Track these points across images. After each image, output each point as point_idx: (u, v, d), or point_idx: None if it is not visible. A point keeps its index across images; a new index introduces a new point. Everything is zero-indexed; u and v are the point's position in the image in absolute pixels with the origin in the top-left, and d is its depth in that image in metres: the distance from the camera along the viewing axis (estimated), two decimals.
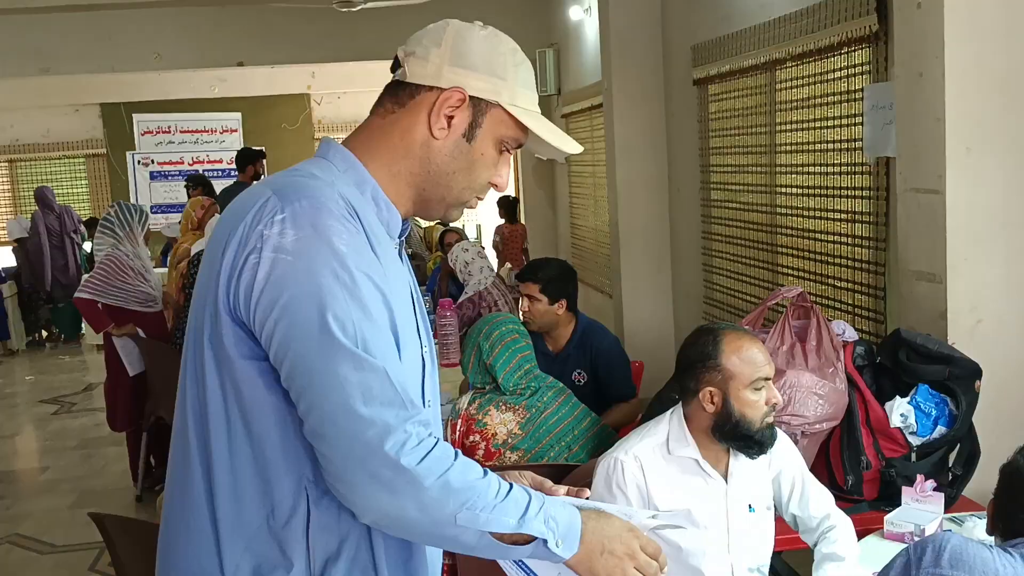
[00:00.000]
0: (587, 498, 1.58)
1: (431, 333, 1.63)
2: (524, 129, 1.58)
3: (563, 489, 1.59)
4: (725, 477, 2.42)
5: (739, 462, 2.43)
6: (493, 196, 11.44)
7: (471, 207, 1.63)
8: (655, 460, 2.41)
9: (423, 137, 1.53)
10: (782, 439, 2.53)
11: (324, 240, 1.36)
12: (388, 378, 1.35)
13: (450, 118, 1.52)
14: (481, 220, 12.23)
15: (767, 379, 2.35)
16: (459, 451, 1.41)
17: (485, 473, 1.40)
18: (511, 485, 1.42)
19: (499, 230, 9.71)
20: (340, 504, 1.40)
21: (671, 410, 2.50)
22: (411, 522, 1.36)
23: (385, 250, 1.49)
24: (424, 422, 1.38)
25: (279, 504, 1.42)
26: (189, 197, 8.36)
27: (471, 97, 1.52)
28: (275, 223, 1.37)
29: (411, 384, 1.46)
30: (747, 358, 2.33)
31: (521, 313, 4.06)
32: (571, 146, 1.64)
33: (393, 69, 1.58)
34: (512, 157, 1.63)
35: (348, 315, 1.35)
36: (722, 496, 2.41)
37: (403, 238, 1.60)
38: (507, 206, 9.71)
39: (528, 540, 1.39)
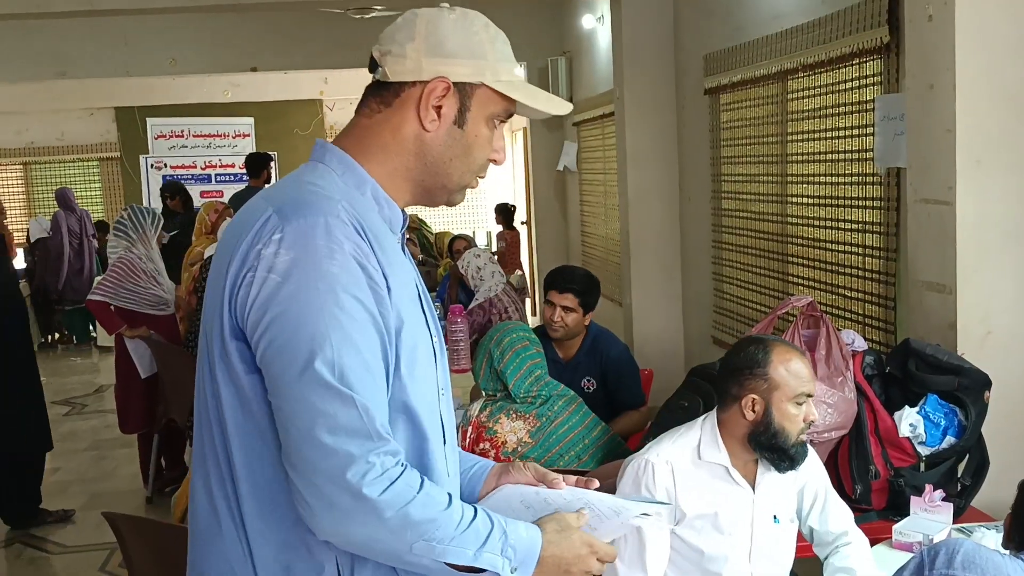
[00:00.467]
0: (596, 489, 1.61)
1: (439, 323, 1.63)
2: (512, 99, 1.58)
3: (572, 479, 1.61)
4: (753, 486, 2.44)
5: (767, 473, 2.44)
6: (492, 203, 11.45)
7: (473, 188, 1.64)
8: (685, 465, 2.42)
9: (415, 132, 1.54)
10: (809, 452, 2.55)
11: (314, 263, 1.37)
12: (356, 408, 1.35)
13: (439, 108, 1.53)
14: (491, 227, 12.25)
15: (809, 396, 2.36)
16: (425, 479, 1.41)
17: (449, 503, 1.41)
18: (475, 514, 1.43)
19: (501, 236, 9.73)
20: None
21: (704, 416, 2.51)
22: (367, 548, 1.40)
23: (390, 249, 1.49)
24: (392, 452, 1.38)
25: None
26: (165, 206, 8.53)
27: (455, 84, 1.53)
28: (272, 242, 1.38)
29: (424, 398, 1.48)
30: (794, 371, 2.35)
31: (548, 320, 4.04)
32: (559, 107, 1.64)
33: (371, 69, 1.59)
34: (504, 130, 1.64)
35: (329, 341, 1.35)
36: (748, 505, 2.42)
37: (403, 231, 1.62)
38: (505, 212, 9.71)
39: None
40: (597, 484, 1.63)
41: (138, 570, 2.81)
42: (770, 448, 2.37)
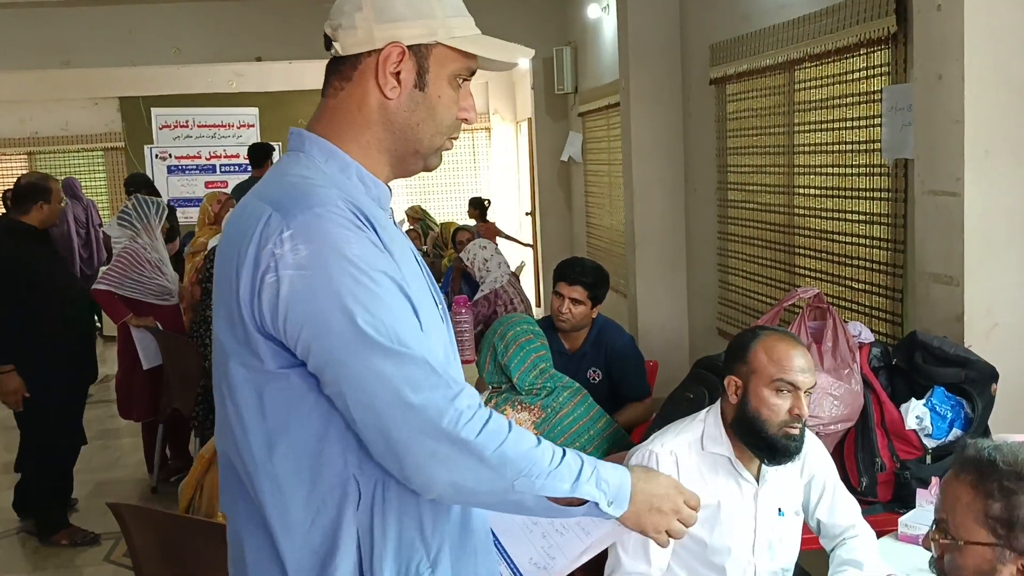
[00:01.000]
0: None
1: (439, 290, 1.66)
2: (471, 55, 1.57)
3: None
4: (757, 479, 2.42)
5: (772, 466, 2.42)
6: (494, 195, 11.42)
7: (447, 149, 1.63)
8: (689, 456, 2.41)
9: (378, 102, 1.54)
10: (816, 445, 2.53)
11: (335, 250, 1.39)
12: (428, 364, 1.40)
13: (397, 74, 1.53)
14: (496, 218, 12.23)
15: (793, 385, 2.31)
16: (512, 421, 1.47)
17: (539, 441, 1.47)
18: (564, 451, 1.49)
19: (476, 228, 9.71)
20: (386, 487, 1.47)
21: (708, 408, 2.51)
22: (473, 492, 1.44)
23: (384, 227, 1.50)
24: (471, 395, 1.44)
25: (327, 497, 1.46)
26: (128, 199, 8.10)
27: (409, 47, 1.52)
28: (284, 240, 1.39)
29: (445, 357, 1.52)
30: (776, 357, 2.32)
31: (556, 311, 4.02)
32: (517, 54, 1.61)
33: (327, 47, 1.60)
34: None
35: (377, 316, 1.39)
36: (752, 498, 2.41)
37: (390, 207, 1.63)
38: (479, 206, 9.67)
39: (583, 502, 1.49)
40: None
41: (142, 560, 2.81)
42: (748, 434, 2.35)
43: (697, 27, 5.96)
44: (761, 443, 2.34)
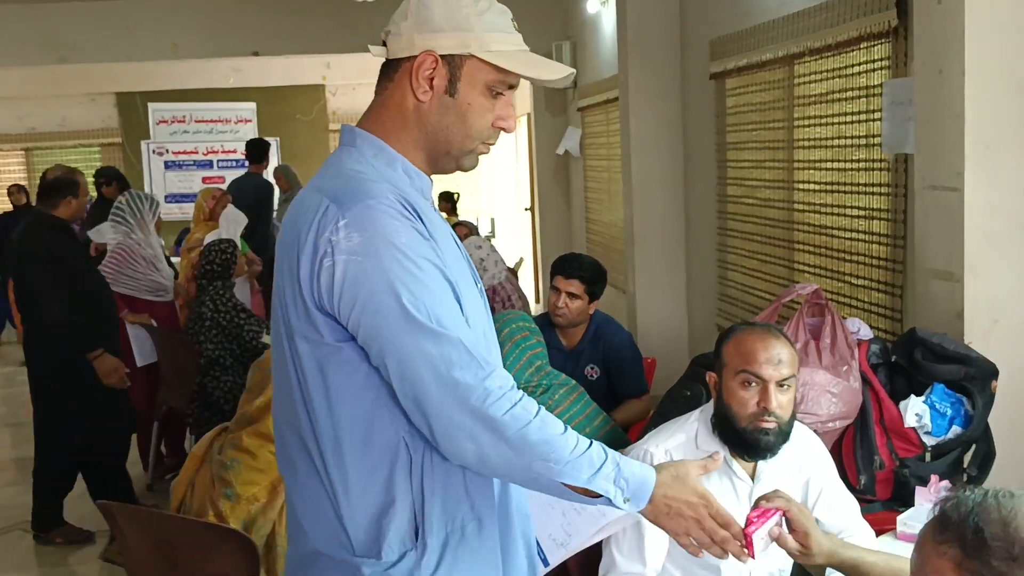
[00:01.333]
0: None
1: (476, 273, 1.81)
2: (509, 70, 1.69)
3: None
4: (753, 478, 2.38)
5: (768, 464, 2.37)
6: (494, 191, 11.32)
7: (483, 152, 1.75)
8: (684, 455, 2.38)
9: (412, 104, 1.68)
10: (816, 444, 2.49)
11: (385, 238, 1.55)
12: (463, 345, 1.54)
13: (430, 80, 1.66)
14: (495, 213, 12.21)
15: (759, 377, 2.27)
16: (542, 407, 1.58)
17: (565, 430, 1.58)
18: (590, 444, 1.59)
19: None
20: (433, 451, 1.61)
21: (703, 406, 2.48)
22: (495, 466, 1.57)
23: (428, 216, 1.65)
24: (503, 377, 1.57)
25: (381, 458, 1.62)
26: (99, 192, 7.70)
27: (442, 56, 1.65)
28: (339, 229, 1.55)
29: (483, 338, 1.68)
30: (742, 349, 2.30)
31: (552, 306, 4.00)
32: (557, 71, 1.72)
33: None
34: (513, 97, 1.72)
35: (420, 299, 1.54)
36: (747, 497, 2.37)
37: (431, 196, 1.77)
38: (449, 199, 9.61)
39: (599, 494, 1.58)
40: None
41: (134, 559, 2.79)
42: (725, 429, 2.32)
43: (697, 21, 5.92)
44: (734, 437, 2.32)
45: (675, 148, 6.35)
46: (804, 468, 2.46)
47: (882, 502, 2.91)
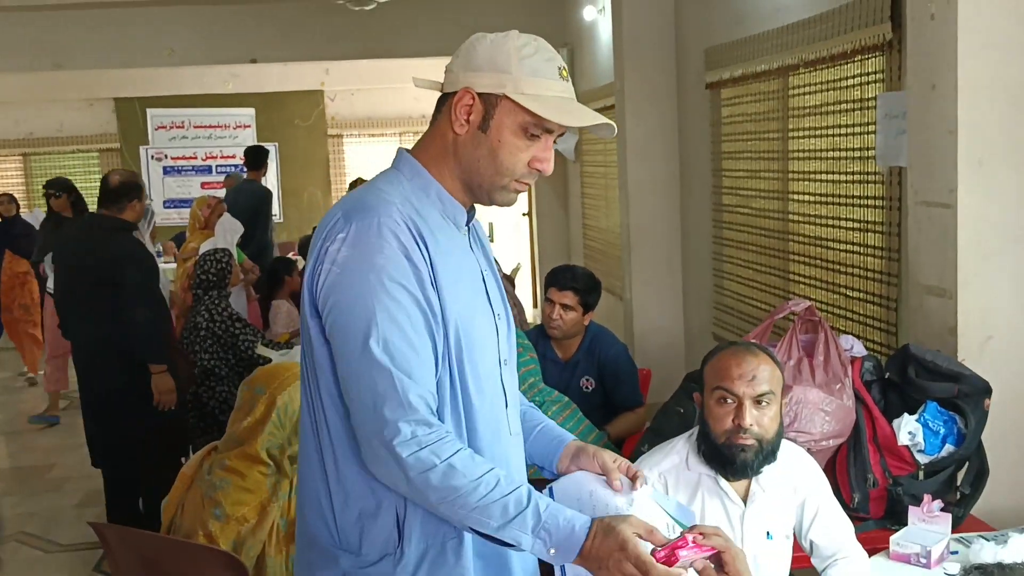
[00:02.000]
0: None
1: (507, 303, 1.91)
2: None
3: (610, 456, 1.84)
4: (745, 500, 2.36)
5: (760, 486, 2.36)
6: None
7: (519, 190, 1.81)
8: (677, 477, 2.38)
9: (451, 136, 1.78)
10: (810, 465, 2.48)
11: (366, 256, 1.65)
12: (393, 379, 1.62)
13: (468, 115, 1.75)
14: (493, 218, 12.19)
15: (732, 393, 2.27)
16: (459, 451, 1.63)
17: (480, 477, 1.62)
18: (512, 491, 1.62)
19: None
20: None
21: (693, 429, 2.46)
22: (411, 497, 1.67)
23: (446, 243, 1.75)
24: (424, 422, 1.63)
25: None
26: (49, 208, 7.26)
27: (480, 94, 1.74)
28: (336, 240, 1.68)
29: (430, 382, 1.70)
30: (718, 367, 2.31)
31: (547, 318, 3.99)
32: (584, 119, 1.77)
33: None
34: (551, 140, 1.78)
35: (380, 327, 1.63)
36: (739, 519, 2.35)
37: (470, 225, 1.86)
38: None
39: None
40: (645, 476, 1.82)
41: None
42: (706, 447, 2.33)
43: (692, 31, 5.92)
44: (713, 454, 2.32)
45: (671, 156, 6.34)
46: (799, 489, 2.44)
47: (875, 520, 2.90)
